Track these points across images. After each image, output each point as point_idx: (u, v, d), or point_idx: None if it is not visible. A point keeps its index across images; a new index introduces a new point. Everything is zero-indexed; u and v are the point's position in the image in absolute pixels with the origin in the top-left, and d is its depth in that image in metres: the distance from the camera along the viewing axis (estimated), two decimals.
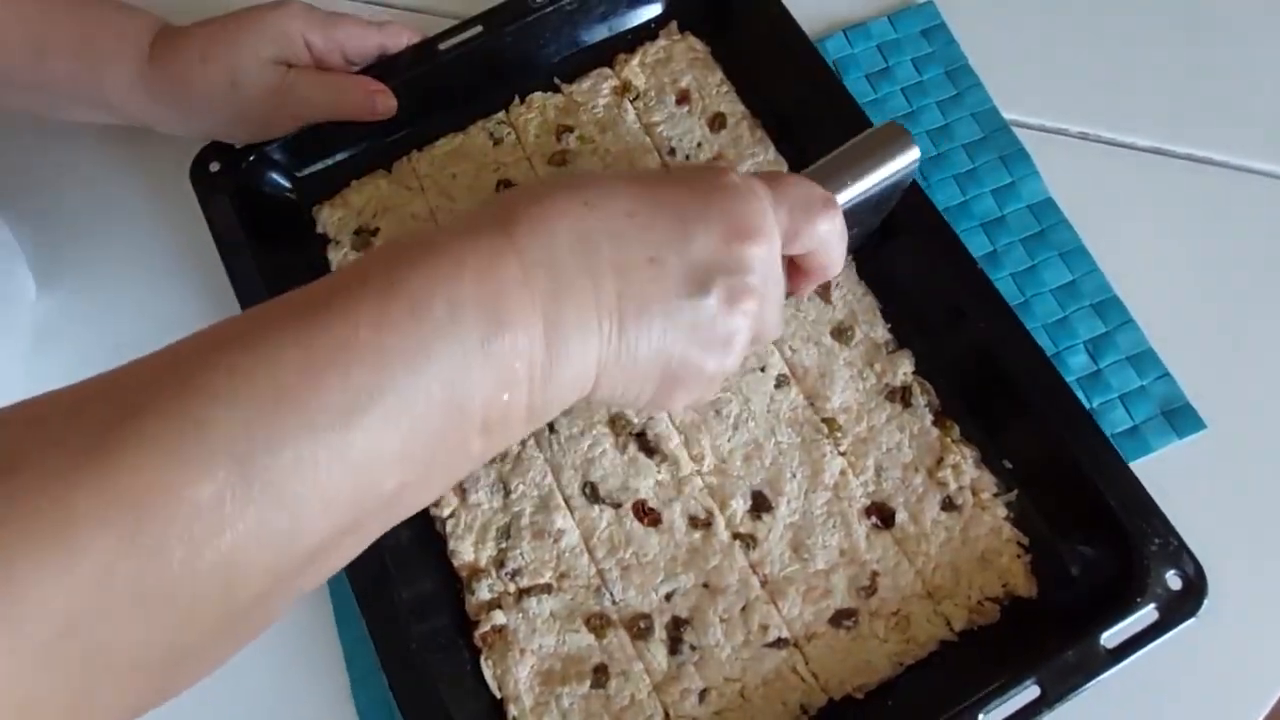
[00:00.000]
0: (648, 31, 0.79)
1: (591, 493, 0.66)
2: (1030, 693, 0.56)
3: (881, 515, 0.64)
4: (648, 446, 0.67)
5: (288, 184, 0.77)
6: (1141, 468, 0.61)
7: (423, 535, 0.67)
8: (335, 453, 0.39)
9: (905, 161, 0.61)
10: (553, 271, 0.46)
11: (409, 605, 0.61)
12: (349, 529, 0.42)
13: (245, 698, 0.67)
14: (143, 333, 0.75)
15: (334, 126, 0.73)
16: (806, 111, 0.73)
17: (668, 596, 0.64)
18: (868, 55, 0.80)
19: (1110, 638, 0.56)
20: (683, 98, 0.76)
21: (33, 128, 0.84)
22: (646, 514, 0.65)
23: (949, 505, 0.64)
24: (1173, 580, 0.57)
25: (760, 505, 0.65)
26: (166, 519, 0.36)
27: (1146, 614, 0.57)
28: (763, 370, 0.68)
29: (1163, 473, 0.62)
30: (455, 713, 0.59)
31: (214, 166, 0.74)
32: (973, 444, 0.66)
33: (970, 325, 0.65)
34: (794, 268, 0.57)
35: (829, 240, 0.54)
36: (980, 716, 0.55)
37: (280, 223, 0.76)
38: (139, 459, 0.36)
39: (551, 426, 0.67)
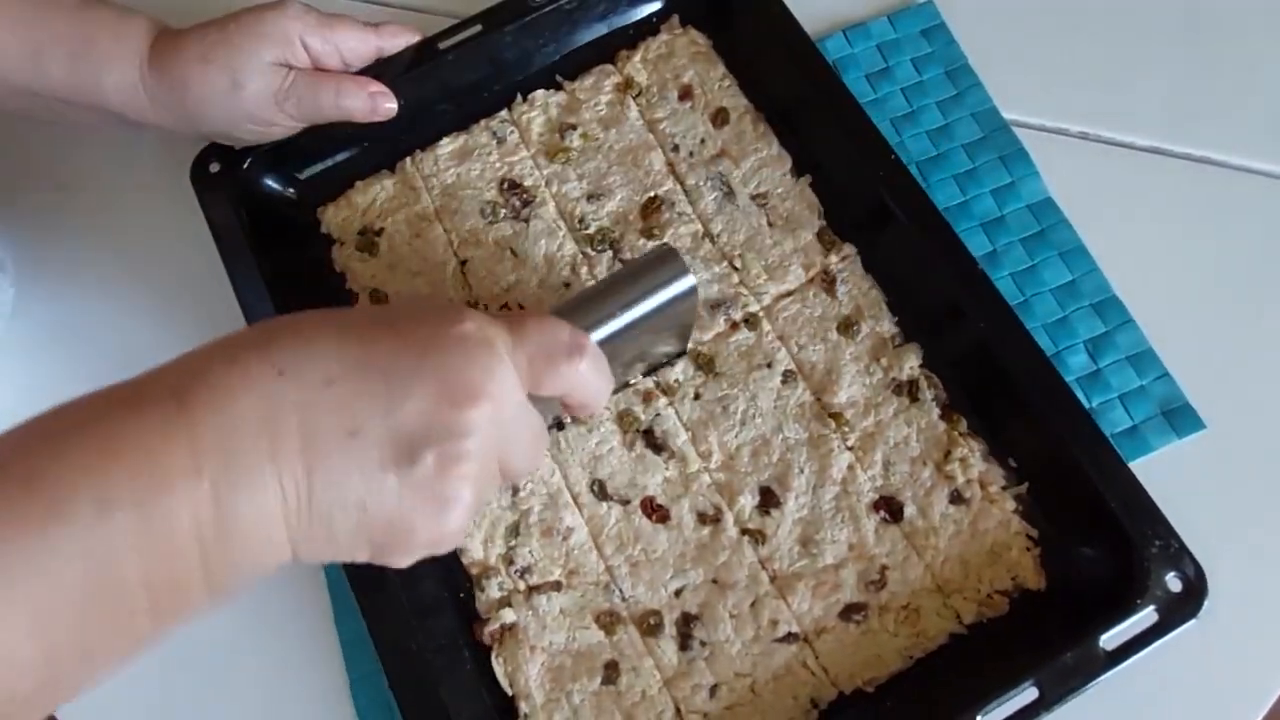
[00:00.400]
0: (649, 27, 0.79)
1: (600, 490, 0.66)
2: (1029, 694, 0.56)
3: (890, 509, 0.65)
4: (655, 443, 0.67)
5: (288, 185, 0.77)
6: (1141, 467, 0.62)
7: None
8: None
9: (678, 288, 0.59)
10: (229, 456, 0.42)
11: (410, 606, 0.61)
12: None
13: (245, 697, 0.67)
14: (143, 335, 0.75)
15: (335, 127, 0.73)
16: (807, 107, 0.74)
17: (677, 592, 0.64)
18: (867, 55, 0.80)
19: (1109, 640, 0.56)
20: (685, 93, 0.76)
21: (33, 129, 0.83)
22: (655, 510, 0.65)
23: (957, 499, 0.64)
24: (1172, 582, 0.58)
25: (768, 501, 0.65)
26: None
27: (1146, 616, 0.57)
28: (769, 366, 0.68)
29: (1162, 472, 0.63)
30: (456, 714, 0.59)
31: (214, 167, 0.74)
32: (979, 437, 0.66)
33: (970, 325, 0.65)
34: (563, 404, 0.55)
35: (578, 384, 0.52)
36: (979, 718, 0.56)
37: (281, 223, 0.75)
38: None
39: (559, 424, 0.68)
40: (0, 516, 0.38)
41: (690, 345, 0.69)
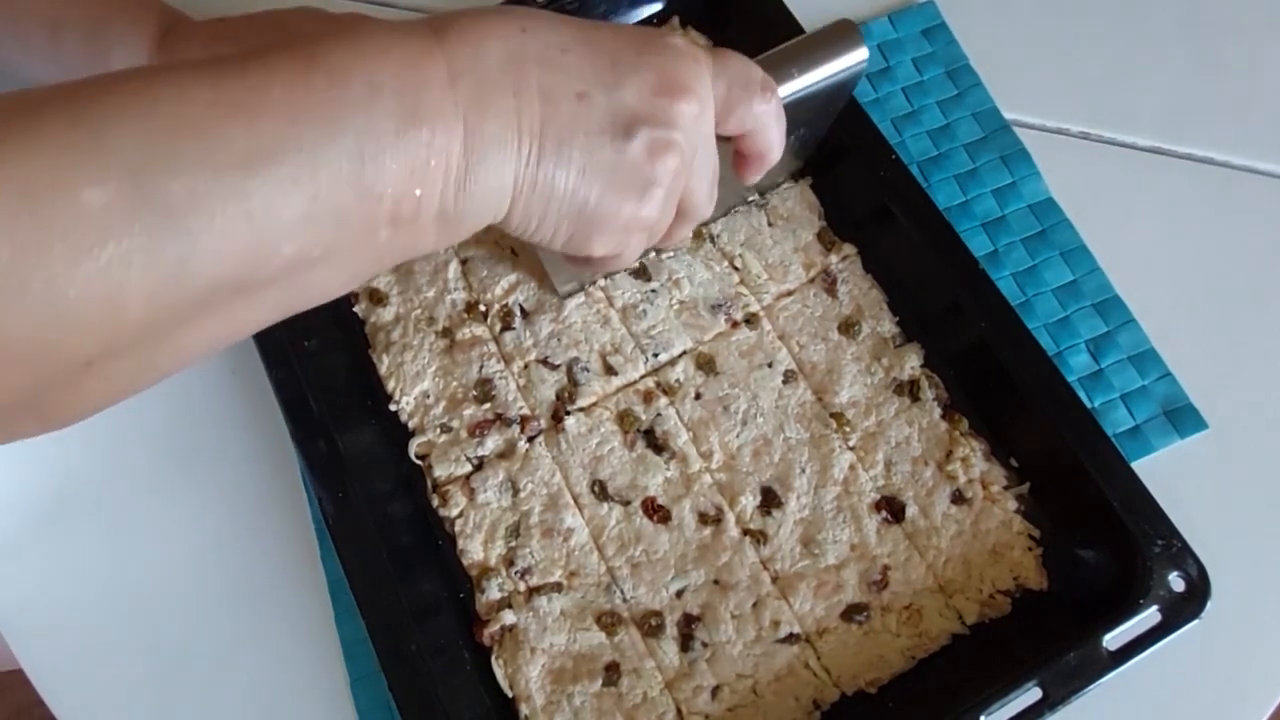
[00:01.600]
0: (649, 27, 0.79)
1: (600, 490, 0.66)
2: (1032, 694, 0.56)
3: (892, 509, 0.65)
4: (656, 443, 0.67)
5: None
6: (1143, 467, 0.62)
7: (424, 538, 0.67)
8: (233, 197, 0.39)
9: (852, 60, 0.60)
10: (479, 82, 0.45)
11: (410, 608, 0.61)
12: (240, 286, 0.42)
13: (245, 697, 0.66)
14: None
15: None
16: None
17: (678, 593, 0.64)
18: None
19: (1112, 640, 0.56)
20: None
21: None
22: (656, 511, 0.65)
23: (959, 498, 0.64)
24: (1175, 582, 0.58)
25: (770, 501, 0.65)
26: (50, 214, 0.36)
27: (1149, 616, 0.57)
28: (770, 366, 0.68)
29: (1164, 472, 0.63)
30: (456, 716, 0.59)
31: None
32: (981, 437, 0.66)
33: (971, 325, 0.65)
34: (736, 155, 0.57)
35: (765, 121, 0.54)
36: (982, 718, 0.56)
37: None
38: (31, 151, 0.36)
39: (559, 424, 0.67)
40: (290, 81, 0.41)
41: (691, 345, 0.69)
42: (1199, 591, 0.57)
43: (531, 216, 0.49)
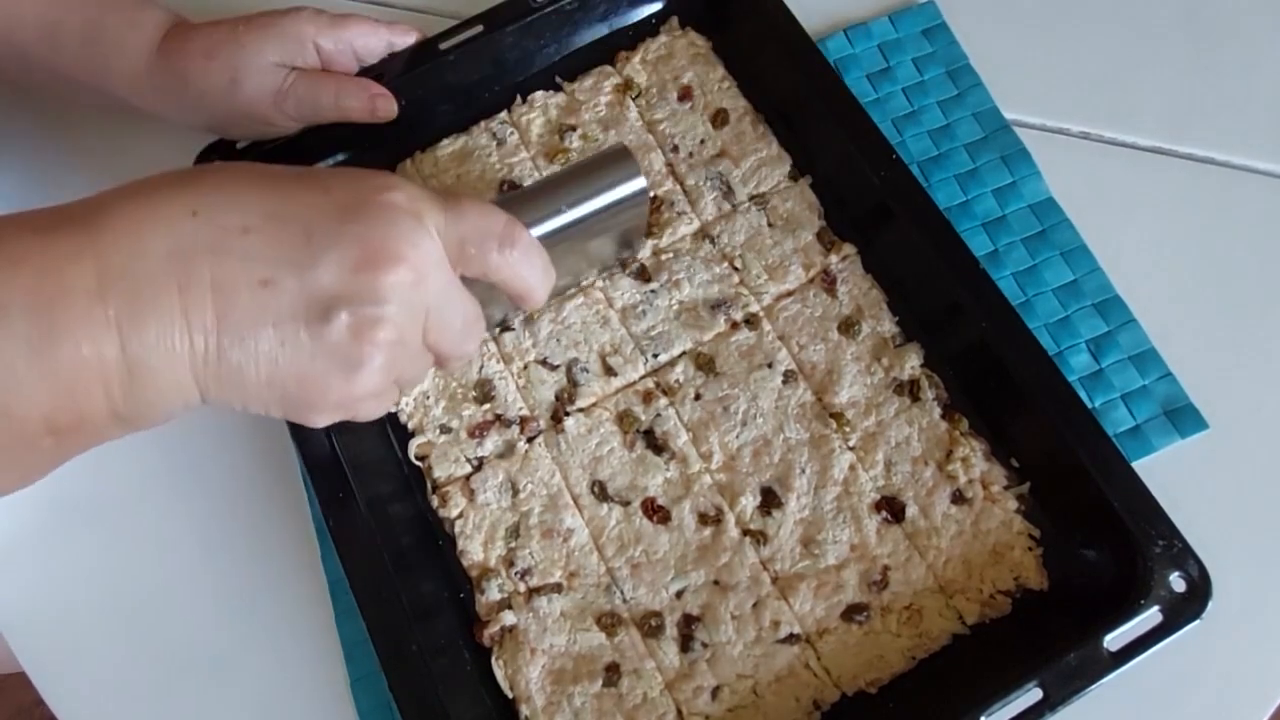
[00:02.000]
0: (648, 28, 0.79)
1: (600, 491, 0.66)
2: (1033, 695, 0.56)
3: (892, 509, 0.64)
4: (656, 444, 0.67)
5: None
6: (1143, 467, 0.62)
7: (424, 539, 0.67)
8: None
9: (626, 189, 0.59)
10: (134, 285, 0.42)
11: (410, 609, 0.61)
12: None
13: (246, 697, 0.67)
14: None
15: (335, 127, 0.72)
16: (805, 107, 0.74)
17: (678, 594, 0.64)
18: (869, 55, 0.80)
19: (1113, 640, 0.56)
20: (684, 94, 0.76)
21: (33, 121, 0.83)
22: (656, 512, 0.65)
23: (959, 498, 0.64)
24: (1176, 582, 0.57)
25: (770, 501, 0.65)
26: None
27: (1150, 616, 0.57)
28: (770, 366, 0.68)
29: (1165, 472, 0.63)
30: (457, 716, 0.59)
31: None
32: (981, 437, 0.66)
33: (972, 325, 0.65)
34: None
35: (509, 273, 0.52)
36: (983, 718, 0.55)
37: None
38: None
39: (558, 425, 0.67)
40: None
41: (690, 345, 0.69)
42: (1200, 592, 0.57)
43: (230, 402, 0.46)
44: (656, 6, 0.79)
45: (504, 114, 0.77)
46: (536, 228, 0.56)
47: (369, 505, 0.63)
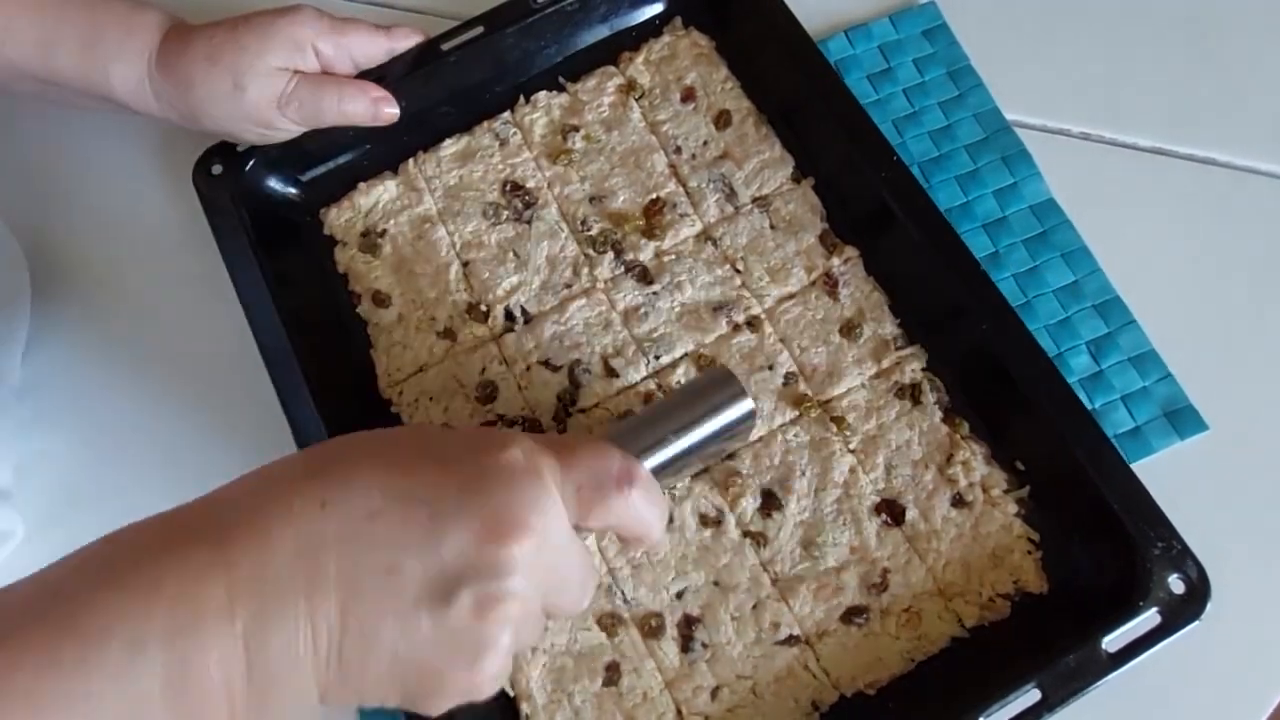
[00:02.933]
0: (651, 28, 0.79)
1: None
2: (1031, 696, 0.56)
3: (892, 512, 0.65)
4: None
5: (291, 186, 0.77)
6: (1143, 469, 0.61)
7: None
8: None
9: (735, 413, 0.57)
10: (262, 593, 0.41)
11: None
12: None
13: None
14: (144, 336, 0.75)
15: (338, 129, 0.73)
16: (806, 108, 0.74)
17: (679, 595, 0.64)
18: (869, 56, 0.80)
19: (1112, 642, 0.56)
20: (687, 95, 0.76)
21: (36, 125, 0.84)
22: None
23: (959, 502, 0.64)
24: (1175, 584, 0.58)
25: (770, 503, 0.65)
26: None
27: (1149, 618, 0.57)
28: (771, 369, 0.68)
29: (1165, 474, 0.63)
30: (458, 713, 0.59)
31: (216, 169, 0.74)
32: (982, 440, 0.66)
33: (972, 327, 0.65)
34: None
35: (628, 517, 0.49)
36: (981, 719, 0.56)
37: (284, 225, 0.76)
38: None
39: (560, 426, 0.68)
40: (38, 659, 0.38)
41: (692, 347, 0.69)
42: (1199, 593, 0.57)
43: (349, 701, 0.43)
44: (659, 7, 0.79)
45: (507, 114, 0.77)
46: (648, 460, 0.54)
47: None
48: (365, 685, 0.42)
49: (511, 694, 0.63)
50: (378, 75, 0.73)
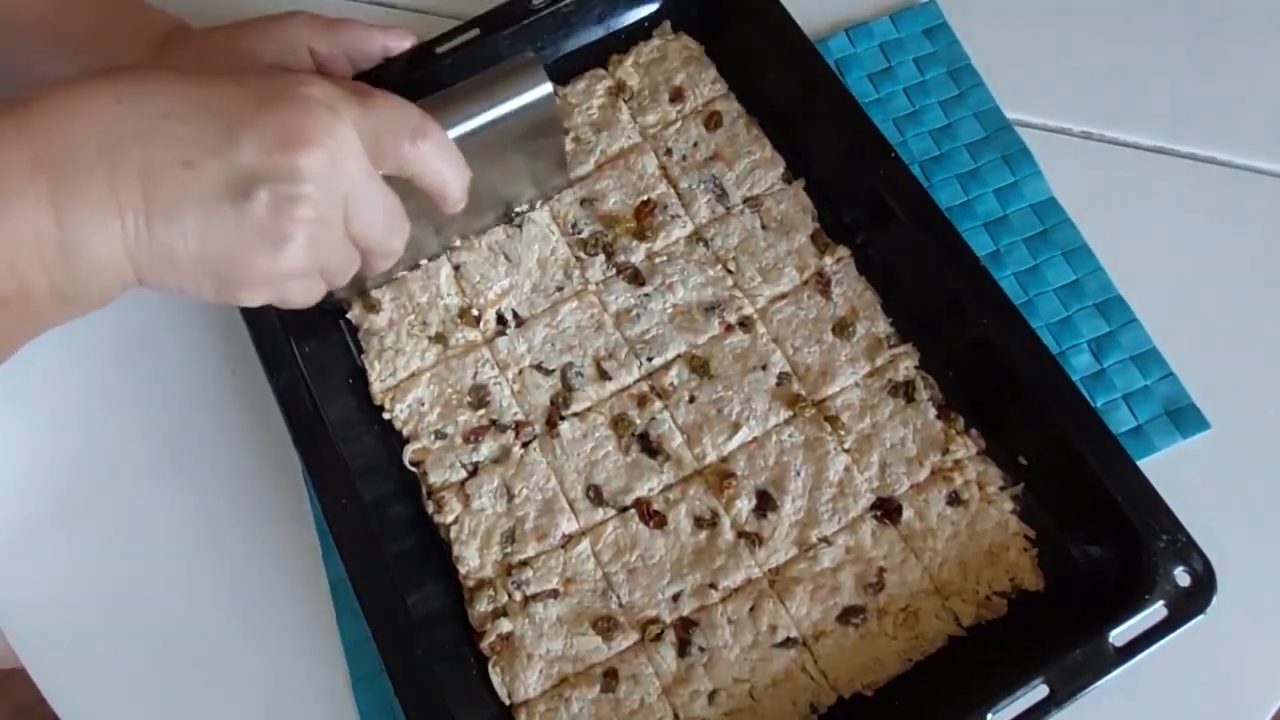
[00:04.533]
0: (641, 31, 0.79)
1: (595, 495, 0.66)
2: (1039, 692, 0.55)
3: (887, 511, 0.64)
4: (650, 447, 0.67)
5: None
6: (1146, 467, 0.61)
7: (427, 543, 0.67)
8: None
9: (532, 95, 0.61)
10: (64, 164, 0.45)
11: (414, 612, 0.61)
12: None
13: (247, 696, 0.67)
14: (145, 331, 0.75)
15: None
16: (803, 109, 0.73)
17: (675, 598, 0.63)
18: (870, 55, 0.80)
19: (1119, 635, 0.56)
20: (677, 96, 0.76)
21: None
22: (651, 516, 0.65)
23: (955, 500, 0.64)
24: (1181, 577, 0.57)
25: (765, 504, 0.65)
26: None
27: (1155, 611, 0.56)
28: (764, 369, 0.68)
29: (1167, 472, 0.62)
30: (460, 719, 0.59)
31: None
32: (978, 437, 0.65)
33: (973, 324, 0.65)
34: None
35: (422, 166, 0.54)
36: (989, 716, 0.55)
37: None
38: None
39: (553, 430, 0.67)
40: None
41: (685, 348, 0.69)
42: (1204, 585, 0.57)
43: (164, 282, 0.49)
44: (652, 8, 0.79)
45: None
46: (450, 130, 0.58)
47: (371, 508, 0.63)
48: (178, 268, 0.48)
49: (508, 703, 0.62)
50: (373, 77, 0.73)
